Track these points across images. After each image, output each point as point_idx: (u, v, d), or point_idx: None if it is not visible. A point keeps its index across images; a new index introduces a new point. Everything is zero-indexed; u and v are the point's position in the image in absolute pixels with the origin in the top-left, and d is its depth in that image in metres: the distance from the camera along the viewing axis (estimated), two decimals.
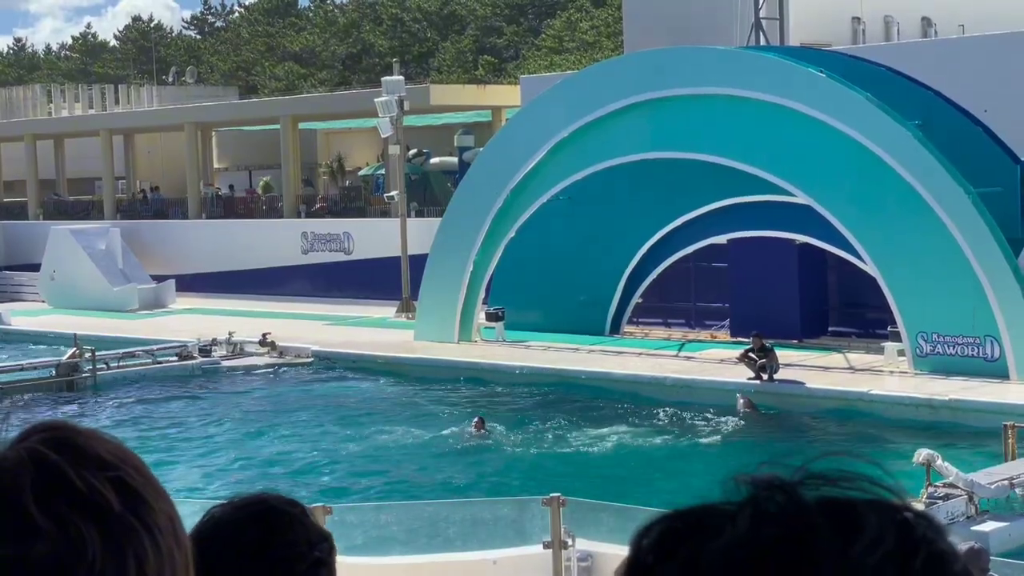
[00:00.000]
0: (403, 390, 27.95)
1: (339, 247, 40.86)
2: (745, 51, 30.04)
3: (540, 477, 19.84)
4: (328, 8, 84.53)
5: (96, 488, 1.16)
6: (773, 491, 1.03)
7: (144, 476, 1.22)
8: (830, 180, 26.15)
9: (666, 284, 31.02)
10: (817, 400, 24.09)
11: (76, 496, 1.16)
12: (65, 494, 1.15)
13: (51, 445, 1.19)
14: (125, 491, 1.18)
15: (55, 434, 1.21)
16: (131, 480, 1.20)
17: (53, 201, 52.59)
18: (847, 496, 1.04)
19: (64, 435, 1.21)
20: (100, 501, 1.16)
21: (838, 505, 1.03)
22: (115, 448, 1.24)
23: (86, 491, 1.16)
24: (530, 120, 30.64)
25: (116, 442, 1.26)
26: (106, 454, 1.21)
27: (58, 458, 1.17)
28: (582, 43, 64.31)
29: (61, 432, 1.21)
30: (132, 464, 1.22)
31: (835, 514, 1.02)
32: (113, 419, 26.26)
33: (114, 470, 1.19)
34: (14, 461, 1.18)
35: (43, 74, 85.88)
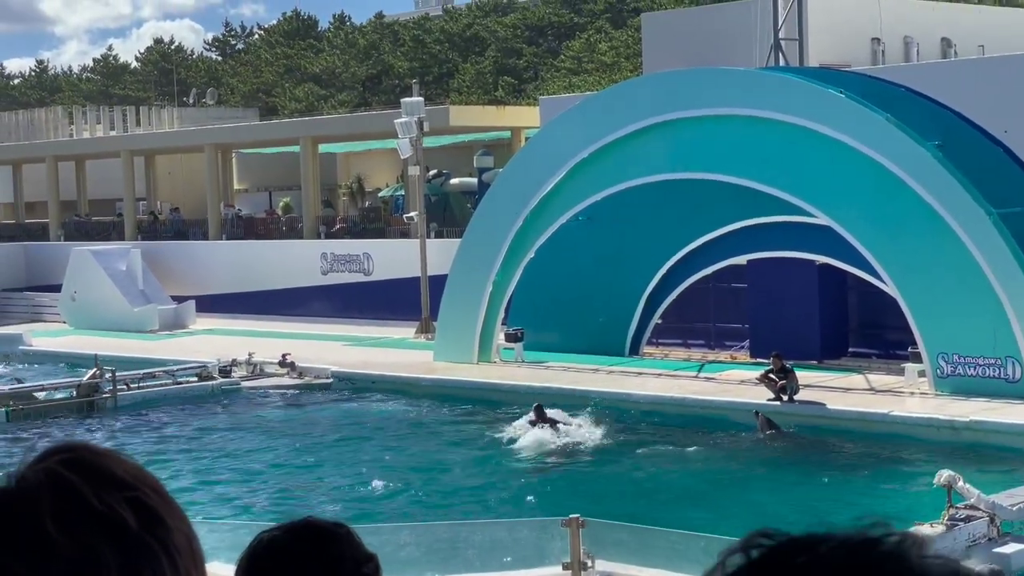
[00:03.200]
0: (422, 411, 27.93)
1: (359, 268, 40.92)
2: (764, 72, 30.06)
3: (559, 498, 19.80)
4: (348, 29, 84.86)
5: (114, 508, 1.17)
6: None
7: (161, 496, 1.23)
8: (850, 200, 26.10)
9: (686, 305, 30.98)
10: (837, 421, 23.98)
11: (94, 516, 1.17)
12: (83, 514, 1.16)
13: (70, 466, 1.20)
14: (143, 511, 1.19)
15: (74, 455, 1.22)
16: (149, 500, 1.21)
17: (74, 222, 52.83)
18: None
19: (83, 455, 1.22)
20: (118, 521, 1.17)
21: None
22: (133, 468, 1.25)
23: (104, 511, 1.17)
24: (549, 141, 30.66)
25: (134, 462, 1.27)
26: (124, 474, 1.22)
27: (77, 478, 1.18)
28: (601, 64, 64.40)
29: (80, 453, 1.22)
30: (150, 484, 1.23)
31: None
32: (133, 439, 26.31)
33: (132, 490, 1.20)
34: (33, 481, 1.19)
35: (65, 96, 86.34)
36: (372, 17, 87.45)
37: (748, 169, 27.42)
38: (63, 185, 52.98)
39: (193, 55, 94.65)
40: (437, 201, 41.85)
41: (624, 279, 30.46)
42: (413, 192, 38.63)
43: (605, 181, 29.49)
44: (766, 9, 36.34)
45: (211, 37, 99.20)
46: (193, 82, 79.32)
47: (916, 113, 26.43)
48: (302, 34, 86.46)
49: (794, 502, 19.99)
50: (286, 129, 49.17)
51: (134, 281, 42.99)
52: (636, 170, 29.08)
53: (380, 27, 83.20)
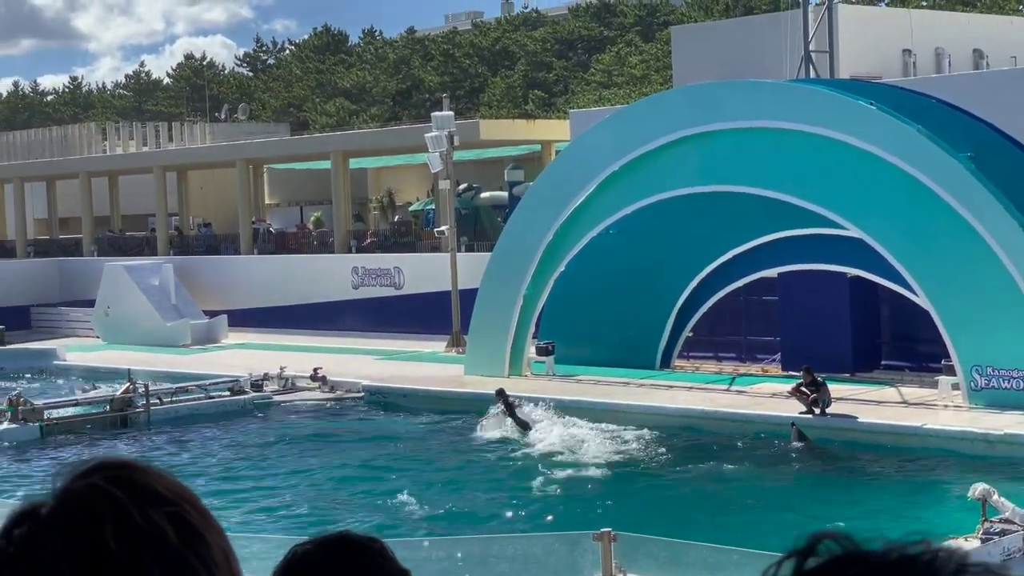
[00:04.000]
0: (453, 425, 27.94)
1: (390, 282, 41.01)
2: (795, 84, 30.01)
3: (591, 512, 19.77)
4: (378, 44, 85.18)
5: (156, 524, 1.20)
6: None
7: (200, 512, 1.25)
8: (881, 213, 26.00)
9: (717, 318, 30.92)
10: (870, 434, 23.87)
11: (137, 531, 1.19)
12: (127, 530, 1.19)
13: (113, 482, 1.22)
14: (183, 527, 1.22)
15: (117, 471, 1.24)
16: (189, 516, 1.23)
17: (107, 237, 53.15)
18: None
19: (125, 472, 1.24)
20: (160, 536, 1.20)
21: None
22: (173, 484, 1.28)
23: (146, 527, 1.19)
24: (580, 154, 30.68)
25: (174, 479, 1.30)
26: (165, 490, 1.24)
27: (120, 494, 1.21)
28: (631, 77, 64.41)
29: (123, 469, 1.25)
30: (189, 500, 1.26)
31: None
32: (166, 454, 26.42)
33: (173, 506, 1.22)
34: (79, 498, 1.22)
35: (98, 112, 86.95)
36: (403, 32, 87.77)
37: (779, 181, 27.37)
38: (96, 201, 53.32)
39: (225, 71, 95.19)
40: (468, 215, 41.92)
41: (655, 292, 30.43)
42: (444, 206, 38.71)
43: (635, 194, 29.48)
44: (796, 21, 36.29)
45: (242, 53, 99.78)
46: (225, 97, 79.74)
47: (948, 125, 26.33)
48: (333, 49, 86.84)
49: (826, 516, 19.90)
50: (317, 144, 49.36)
51: (167, 296, 43.20)
52: (666, 183, 29.07)
53: (410, 42, 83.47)
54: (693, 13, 68.06)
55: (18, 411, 28.29)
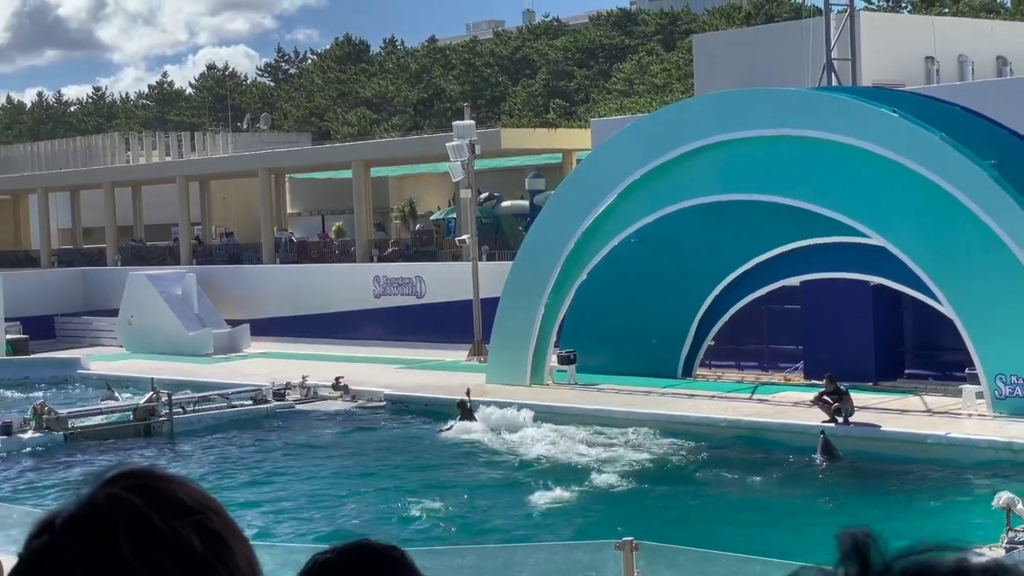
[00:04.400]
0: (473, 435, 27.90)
1: (411, 291, 41.05)
2: (817, 92, 29.94)
3: (613, 520, 19.74)
4: (400, 54, 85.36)
5: (180, 532, 1.20)
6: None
7: (224, 520, 1.26)
8: (904, 221, 25.92)
9: (738, 326, 30.84)
10: (894, 443, 23.76)
11: (162, 540, 1.19)
12: (152, 538, 1.19)
13: (136, 490, 1.23)
14: (207, 534, 1.22)
15: (140, 480, 1.25)
16: (212, 524, 1.23)
17: (131, 247, 53.36)
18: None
19: (148, 481, 1.25)
20: (184, 544, 1.20)
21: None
22: (196, 493, 1.28)
23: (171, 535, 1.19)
24: (601, 163, 30.68)
25: (197, 487, 1.30)
26: (188, 499, 1.24)
27: (144, 503, 1.21)
28: (652, 86, 64.39)
29: (146, 478, 1.25)
30: (213, 508, 1.26)
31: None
32: (189, 462, 26.48)
33: (196, 514, 1.23)
34: (103, 506, 1.22)
35: (121, 122, 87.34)
36: (424, 41, 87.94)
37: (801, 190, 27.31)
38: (120, 211, 53.55)
39: (247, 81, 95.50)
40: (489, 224, 41.94)
41: (676, 301, 30.38)
42: (465, 215, 38.74)
43: (657, 203, 29.46)
44: (818, 29, 36.24)
45: (264, 63, 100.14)
46: (247, 107, 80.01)
47: (971, 132, 26.24)
48: (354, 59, 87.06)
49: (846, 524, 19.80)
50: (339, 153, 49.47)
51: (189, 305, 43.34)
52: (688, 191, 29.04)
53: (432, 51, 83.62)
54: (715, 21, 68.02)
55: (42, 420, 28.42)
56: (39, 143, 64.42)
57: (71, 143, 60.17)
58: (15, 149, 64.39)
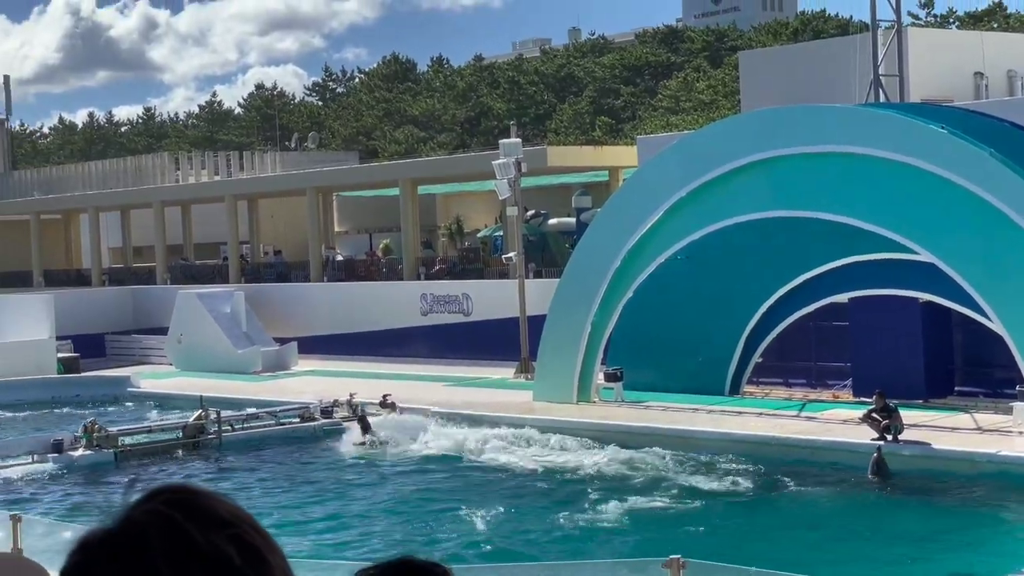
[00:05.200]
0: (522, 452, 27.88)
1: (458, 308, 41.13)
2: (864, 108, 29.80)
3: (660, 538, 19.67)
4: (446, 72, 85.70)
5: (218, 545, 1.23)
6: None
7: (260, 533, 1.28)
8: (953, 237, 25.74)
9: (786, 343, 30.69)
10: (944, 461, 23.55)
11: (200, 554, 1.22)
12: (190, 552, 1.22)
13: (174, 506, 1.25)
14: (245, 549, 1.24)
15: (177, 495, 1.27)
16: (250, 538, 1.26)
17: (180, 266, 53.78)
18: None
19: (186, 496, 1.27)
20: (223, 558, 1.22)
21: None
22: (232, 508, 1.31)
23: (209, 549, 1.22)
24: (647, 180, 30.66)
25: (232, 502, 1.33)
26: (225, 513, 1.27)
27: (182, 518, 1.24)
28: (699, 103, 64.30)
29: (183, 493, 1.28)
30: (249, 522, 1.28)
31: None
32: (237, 479, 26.62)
33: (234, 528, 1.25)
34: (141, 522, 1.25)
35: (171, 142, 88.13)
36: (470, 60, 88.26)
37: (849, 206, 27.19)
38: (169, 229, 54.01)
39: (295, 100, 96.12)
40: (536, 241, 41.98)
41: (724, 318, 30.28)
42: (512, 233, 38.80)
43: (704, 220, 29.40)
44: (866, 45, 36.08)
45: (312, 82, 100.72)
46: (295, 126, 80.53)
47: (1021, 148, 26.03)
48: (401, 77, 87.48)
49: (899, 544, 19.68)
50: (386, 172, 49.69)
51: (238, 323, 43.61)
52: (735, 208, 28.97)
53: (478, 69, 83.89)
54: (761, 38, 67.87)
55: (93, 437, 28.66)
56: (90, 163, 65.12)
57: (122, 163, 60.77)
58: (67, 169, 65.11)
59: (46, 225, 60.82)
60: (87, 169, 61.82)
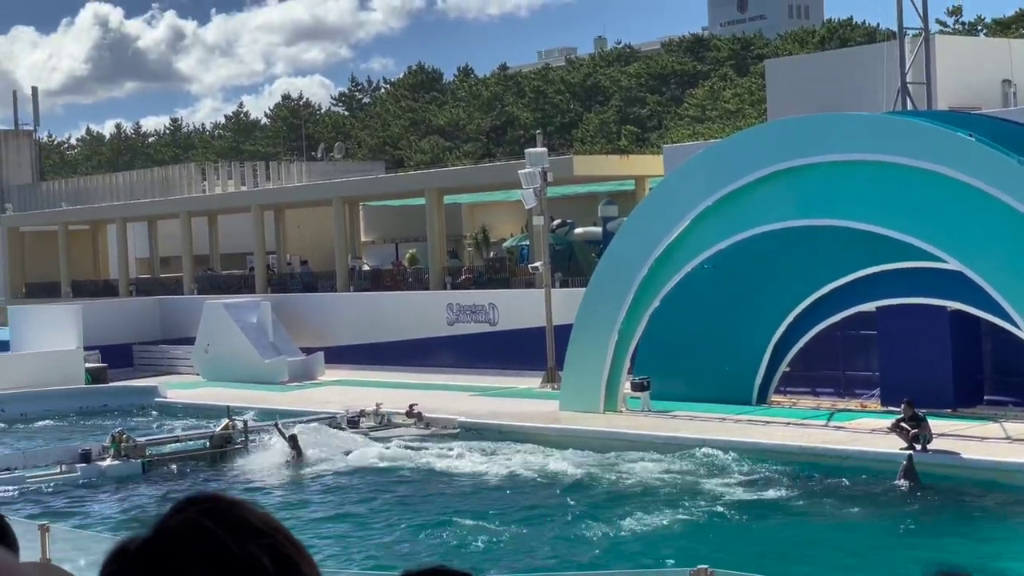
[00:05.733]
0: (548, 460, 27.86)
1: (484, 318, 41.15)
2: (892, 116, 29.71)
3: (687, 548, 19.61)
4: (472, 82, 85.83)
5: (252, 555, 1.22)
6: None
7: (293, 543, 1.27)
8: (982, 245, 25.61)
9: (814, 353, 30.58)
10: (974, 471, 23.42)
11: (235, 563, 1.21)
12: (225, 561, 1.21)
13: (209, 515, 1.25)
14: (278, 558, 1.24)
15: (212, 505, 1.27)
16: (282, 547, 1.25)
17: (207, 276, 53.98)
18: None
19: (220, 506, 1.27)
20: (257, 567, 1.22)
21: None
22: (266, 517, 1.30)
23: (244, 558, 1.21)
24: (674, 189, 30.63)
25: (264, 511, 1.32)
26: (259, 523, 1.26)
27: (216, 527, 1.23)
28: (725, 112, 64.22)
29: (217, 503, 1.27)
30: (282, 532, 1.28)
31: None
32: (264, 487, 26.65)
33: (267, 538, 1.25)
34: (176, 531, 1.24)
35: (198, 153, 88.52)
36: (496, 69, 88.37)
37: (876, 215, 27.09)
38: (196, 240, 54.23)
39: (321, 110, 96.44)
40: (562, 251, 41.97)
41: (751, 327, 30.20)
42: (538, 242, 38.80)
43: (731, 229, 29.35)
44: (893, 53, 35.98)
45: (338, 92, 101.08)
46: (321, 136, 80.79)
47: None
48: (427, 87, 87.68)
49: (928, 554, 19.56)
50: (412, 181, 49.77)
51: (264, 333, 43.73)
52: (762, 217, 28.91)
53: (503, 79, 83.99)
54: (788, 46, 67.76)
55: (121, 447, 28.77)
56: (117, 174, 65.50)
57: (149, 174, 61.10)
58: (94, 180, 65.49)
59: (74, 236, 61.17)
60: (114, 180, 62.17)
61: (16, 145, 72.90)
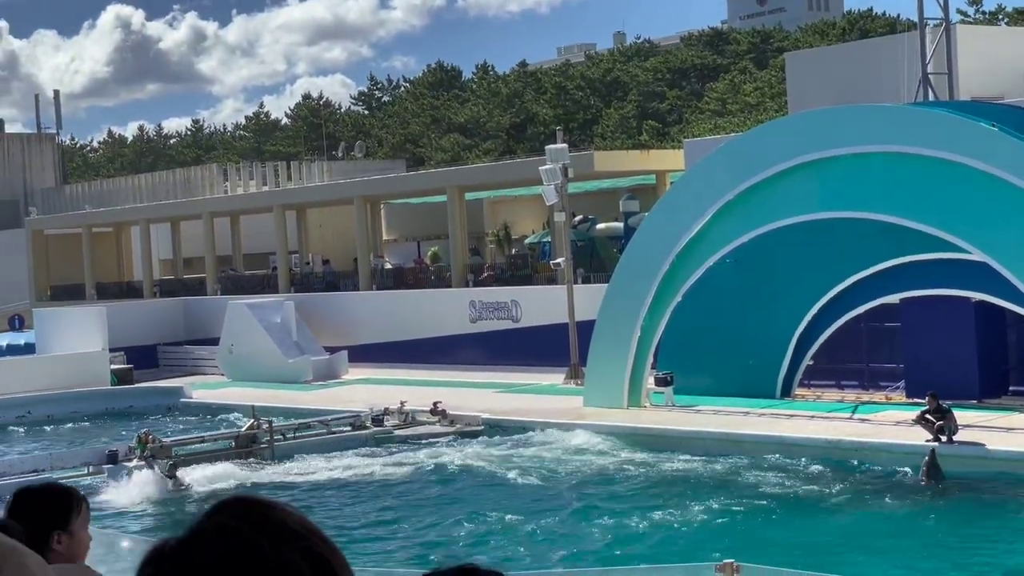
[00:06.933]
0: (574, 457, 27.88)
1: (507, 315, 41.16)
2: (913, 107, 29.60)
3: (713, 543, 19.60)
4: (491, 79, 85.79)
5: (287, 557, 1.24)
6: None
7: (327, 545, 1.30)
8: (1006, 236, 25.50)
9: (837, 345, 30.51)
10: (1000, 462, 23.33)
11: (270, 566, 1.23)
12: (260, 564, 1.23)
13: (244, 519, 1.27)
14: (314, 560, 1.26)
15: (247, 507, 1.29)
16: (318, 549, 1.27)
17: (230, 276, 54.12)
18: None
19: (255, 509, 1.29)
20: (293, 570, 1.24)
21: None
22: (301, 520, 1.32)
23: (279, 561, 1.23)
24: (695, 183, 30.58)
25: (300, 513, 1.34)
26: (294, 525, 1.28)
27: (251, 530, 1.25)
28: (745, 105, 64.05)
29: (252, 506, 1.29)
30: (317, 534, 1.30)
31: None
32: (291, 487, 26.72)
33: (303, 540, 1.27)
34: (211, 534, 1.27)
35: (219, 154, 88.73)
36: (515, 66, 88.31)
37: (898, 206, 27.01)
38: (219, 240, 54.37)
39: (341, 109, 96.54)
40: (584, 247, 41.95)
41: (774, 320, 30.14)
42: (559, 238, 38.79)
43: (752, 222, 29.29)
44: (914, 43, 35.82)
45: (358, 91, 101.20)
46: (342, 136, 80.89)
47: None
48: (446, 85, 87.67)
49: (953, 547, 19.51)
50: (433, 179, 49.79)
51: (288, 333, 43.83)
52: (783, 210, 28.85)
53: (523, 76, 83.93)
54: (807, 38, 67.55)
55: (147, 448, 28.86)
56: (140, 176, 65.70)
57: (171, 175, 61.27)
58: (117, 182, 65.72)
59: (97, 238, 61.40)
60: (137, 182, 62.37)
61: (39, 149, 73.25)
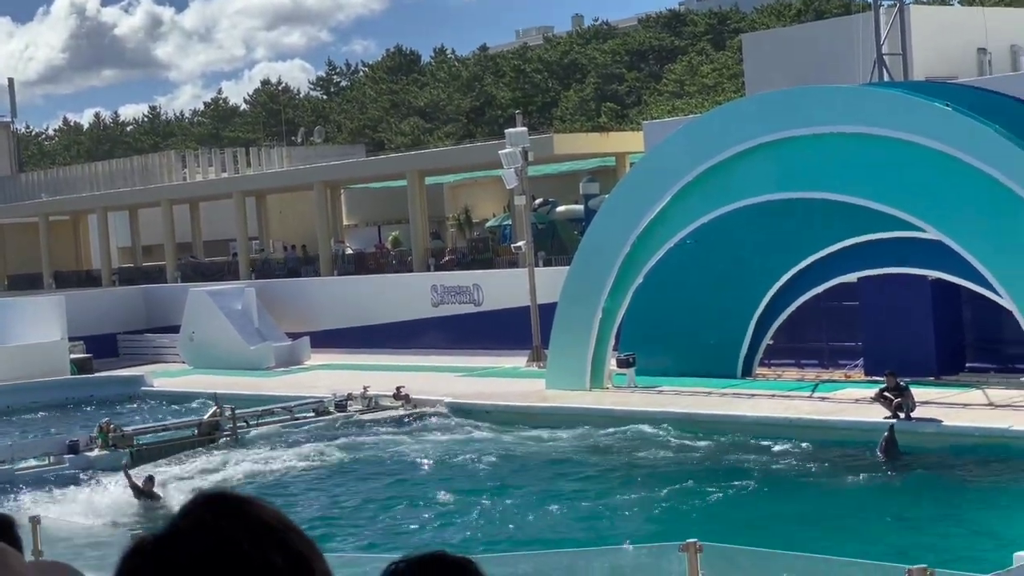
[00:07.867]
0: (536, 439, 28.00)
1: (469, 299, 41.20)
2: (869, 88, 29.82)
3: (676, 523, 19.76)
4: (450, 63, 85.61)
5: (266, 553, 1.31)
6: None
7: (305, 540, 1.37)
8: (961, 214, 25.76)
9: (797, 324, 30.74)
10: (957, 438, 23.63)
11: (247, 561, 1.30)
12: (237, 559, 1.30)
13: (223, 514, 1.34)
14: (290, 554, 1.33)
15: (225, 503, 1.36)
16: (294, 543, 1.34)
17: (190, 263, 53.88)
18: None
19: (233, 504, 1.36)
20: (269, 564, 1.31)
21: None
22: (276, 513, 1.39)
23: (256, 555, 1.30)
24: (654, 165, 30.70)
25: (276, 508, 1.41)
26: (270, 519, 1.35)
27: (230, 526, 1.32)
28: (703, 86, 64.21)
29: (230, 501, 1.36)
30: (293, 528, 1.37)
31: None
32: (256, 476, 26.70)
33: (279, 534, 1.34)
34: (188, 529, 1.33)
35: (177, 140, 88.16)
36: (474, 50, 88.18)
37: (856, 186, 27.22)
38: (178, 227, 54.11)
39: (300, 95, 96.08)
40: (544, 229, 42.02)
41: (734, 301, 30.33)
42: (520, 222, 38.85)
43: (712, 203, 29.45)
44: (868, 24, 36.04)
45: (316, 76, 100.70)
46: (300, 121, 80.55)
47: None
48: (405, 69, 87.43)
49: (916, 524, 19.75)
50: (393, 164, 49.74)
51: (250, 320, 43.70)
52: (742, 191, 29.02)
53: (482, 59, 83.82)
54: (764, 19, 67.75)
55: (108, 437, 28.78)
56: (97, 163, 65.22)
57: (128, 162, 60.88)
58: (74, 170, 65.25)
59: (55, 227, 60.99)
60: (94, 169, 61.94)
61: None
